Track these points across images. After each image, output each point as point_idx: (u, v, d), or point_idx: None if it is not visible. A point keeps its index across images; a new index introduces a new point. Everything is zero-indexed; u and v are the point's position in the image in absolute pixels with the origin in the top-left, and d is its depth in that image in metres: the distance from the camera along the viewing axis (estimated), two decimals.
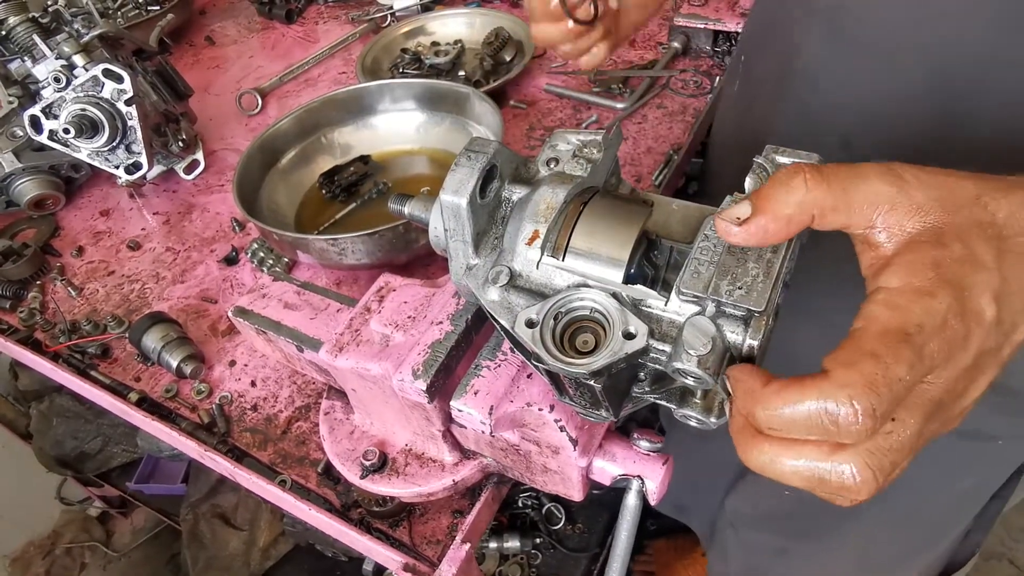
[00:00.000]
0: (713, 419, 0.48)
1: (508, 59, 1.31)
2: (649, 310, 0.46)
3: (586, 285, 0.47)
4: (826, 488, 0.36)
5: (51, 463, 1.74)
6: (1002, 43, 0.58)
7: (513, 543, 1.40)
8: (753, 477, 1.02)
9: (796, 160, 0.47)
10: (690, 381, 0.43)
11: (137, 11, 1.53)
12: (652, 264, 0.50)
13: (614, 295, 0.45)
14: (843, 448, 0.35)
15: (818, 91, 0.73)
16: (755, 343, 0.42)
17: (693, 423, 0.49)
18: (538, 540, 1.42)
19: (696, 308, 0.44)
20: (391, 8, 1.49)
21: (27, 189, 1.11)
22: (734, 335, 0.42)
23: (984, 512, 0.87)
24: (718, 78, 1.22)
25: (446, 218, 0.50)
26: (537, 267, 0.49)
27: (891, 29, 0.65)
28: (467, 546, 0.66)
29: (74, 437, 1.72)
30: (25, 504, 2.00)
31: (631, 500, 0.58)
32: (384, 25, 1.49)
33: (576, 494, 0.61)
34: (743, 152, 0.92)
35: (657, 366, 0.46)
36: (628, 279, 0.47)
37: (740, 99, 0.94)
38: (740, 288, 0.41)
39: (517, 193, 0.52)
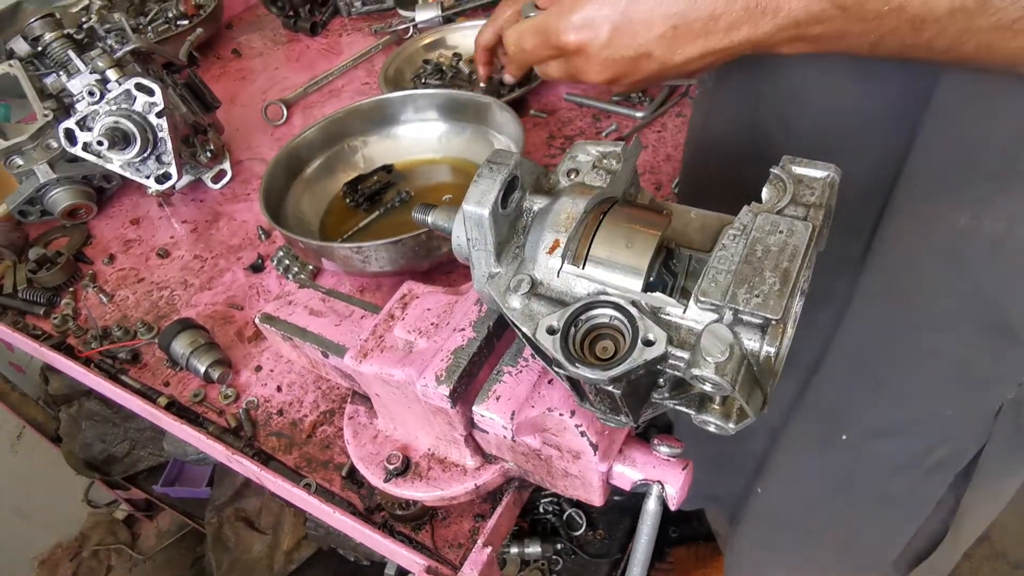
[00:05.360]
0: (731, 425, 0.48)
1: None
2: (668, 318, 0.47)
3: (606, 293, 0.48)
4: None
5: (80, 466, 1.77)
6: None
7: (534, 548, 1.40)
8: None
9: (813, 171, 0.48)
10: (708, 387, 0.44)
11: (167, 26, 1.57)
12: (671, 272, 0.51)
13: (633, 303, 0.46)
14: None
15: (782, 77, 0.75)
16: (772, 351, 0.43)
17: (712, 428, 0.50)
18: (559, 546, 1.42)
19: (714, 316, 0.45)
20: (413, 20, 1.52)
21: (61, 199, 1.15)
22: (751, 342, 0.43)
23: (951, 490, 0.87)
24: None
25: (469, 228, 0.51)
26: (558, 275, 0.50)
27: None
28: (489, 549, 0.67)
29: (102, 440, 1.76)
30: (54, 507, 2.04)
31: (651, 505, 0.58)
32: (406, 37, 1.51)
33: (596, 499, 0.61)
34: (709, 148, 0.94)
35: (676, 372, 0.46)
36: (647, 287, 0.48)
37: (703, 103, 0.96)
38: (757, 296, 0.42)
39: (538, 203, 0.53)
